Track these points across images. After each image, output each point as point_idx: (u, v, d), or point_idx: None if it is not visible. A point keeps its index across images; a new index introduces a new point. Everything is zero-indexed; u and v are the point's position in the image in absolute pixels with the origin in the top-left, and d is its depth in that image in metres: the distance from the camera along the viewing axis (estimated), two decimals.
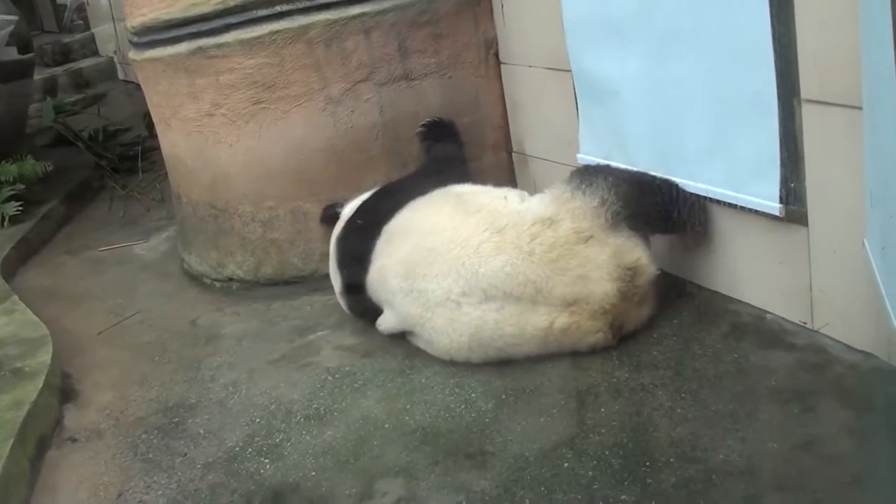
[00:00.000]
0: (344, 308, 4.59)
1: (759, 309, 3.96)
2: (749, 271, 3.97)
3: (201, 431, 3.94)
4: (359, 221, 4.55)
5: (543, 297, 3.80)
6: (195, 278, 5.58)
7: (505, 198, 4.16)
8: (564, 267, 3.80)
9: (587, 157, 4.64)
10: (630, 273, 3.83)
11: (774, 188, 3.63)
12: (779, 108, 3.50)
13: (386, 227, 4.30)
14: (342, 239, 4.60)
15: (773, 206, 3.65)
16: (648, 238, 4.04)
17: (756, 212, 3.77)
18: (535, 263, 3.80)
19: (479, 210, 4.06)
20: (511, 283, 3.81)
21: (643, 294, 3.91)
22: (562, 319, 3.82)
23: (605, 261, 3.81)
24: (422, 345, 4.13)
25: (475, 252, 3.88)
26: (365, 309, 4.40)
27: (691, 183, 4.05)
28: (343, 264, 4.54)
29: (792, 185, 3.58)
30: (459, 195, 4.26)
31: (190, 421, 4.04)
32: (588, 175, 4.10)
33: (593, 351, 3.86)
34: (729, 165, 3.83)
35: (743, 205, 3.81)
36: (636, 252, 3.89)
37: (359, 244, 4.39)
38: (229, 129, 5.04)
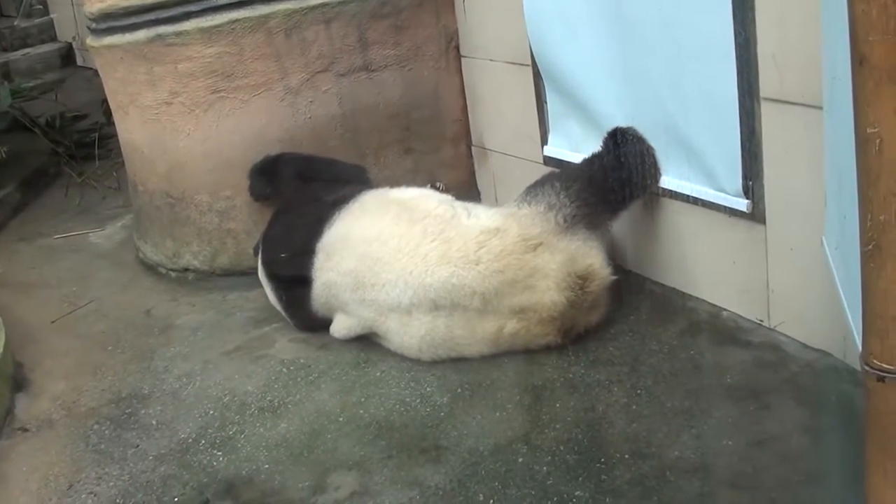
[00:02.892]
0: (294, 327, 4.52)
1: (716, 306, 3.97)
2: (706, 268, 3.97)
3: (154, 423, 3.90)
4: (282, 243, 4.49)
5: (492, 307, 3.79)
6: (150, 268, 5.52)
7: (451, 205, 4.12)
8: (512, 278, 3.77)
9: (555, 150, 4.64)
10: (580, 281, 3.78)
11: (740, 185, 3.63)
12: (739, 105, 3.51)
13: (320, 243, 4.21)
14: (271, 267, 4.53)
15: (741, 201, 3.65)
16: (608, 231, 4.06)
17: (714, 209, 3.78)
18: (481, 274, 3.77)
19: (424, 217, 4.02)
20: (458, 294, 3.79)
21: (594, 300, 3.87)
22: (511, 325, 3.81)
23: (554, 270, 3.77)
24: (378, 340, 4.11)
25: (423, 261, 3.86)
26: (315, 323, 4.34)
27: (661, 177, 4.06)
28: (279, 291, 4.49)
29: (750, 182, 3.58)
30: (401, 201, 4.19)
31: (143, 412, 4.00)
32: (535, 186, 4.08)
33: (549, 347, 3.85)
34: (696, 162, 3.83)
35: (709, 200, 3.81)
36: (590, 258, 3.85)
37: (292, 267, 4.33)
38: (187, 117, 4.99)
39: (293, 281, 4.31)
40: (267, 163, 4.90)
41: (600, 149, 4.14)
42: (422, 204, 4.13)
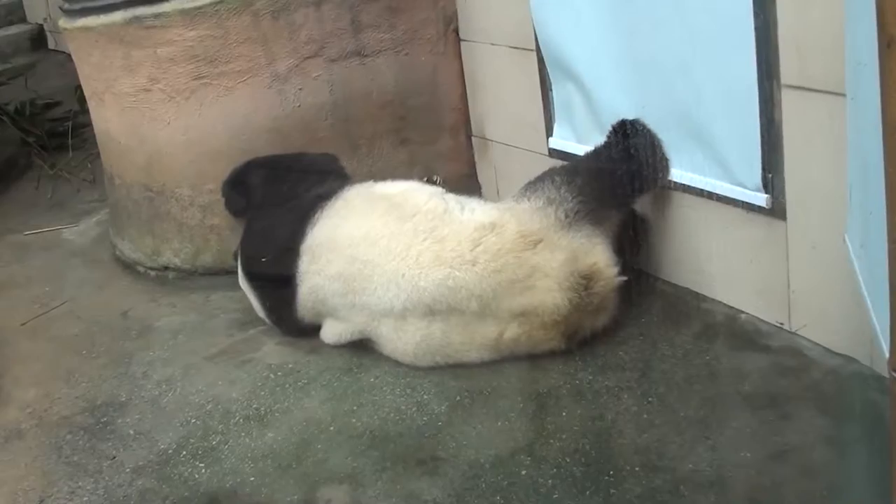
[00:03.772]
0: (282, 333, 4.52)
1: (733, 308, 3.97)
2: (723, 268, 3.97)
3: (131, 432, 3.90)
4: (263, 246, 4.49)
5: (491, 310, 3.78)
6: (128, 266, 5.52)
7: (443, 198, 4.11)
8: (511, 278, 3.76)
9: (561, 142, 4.64)
10: (584, 281, 3.76)
11: (759, 178, 3.63)
12: (758, 93, 3.50)
13: (303, 245, 4.19)
14: (252, 272, 4.53)
15: (760, 196, 3.65)
16: (615, 231, 4.03)
17: (730, 204, 3.78)
18: (478, 275, 3.76)
19: (414, 214, 4.01)
20: (455, 297, 3.78)
21: (600, 301, 3.84)
22: (511, 330, 3.81)
23: (556, 269, 3.75)
24: (371, 344, 4.10)
25: (415, 263, 3.85)
26: (302, 328, 4.34)
27: (672, 170, 4.06)
28: (262, 298, 4.49)
29: (770, 175, 3.57)
30: (388, 197, 4.18)
31: (119, 421, 3.99)
32: (535, 182, 4.09)
33: (553, 353, 3.85)
34: (711, 153, 3.83)
35: (725, 194, 3.80)
36: (594, 255, 3.83)
37: (274, 271, 4.32)
38: (167, 105, 4.98)
39: (276, 286, 4.30)
40: (236, 174, 4.87)
41: (605, 141, 4.15)
42: (411, 199, 4.12)
